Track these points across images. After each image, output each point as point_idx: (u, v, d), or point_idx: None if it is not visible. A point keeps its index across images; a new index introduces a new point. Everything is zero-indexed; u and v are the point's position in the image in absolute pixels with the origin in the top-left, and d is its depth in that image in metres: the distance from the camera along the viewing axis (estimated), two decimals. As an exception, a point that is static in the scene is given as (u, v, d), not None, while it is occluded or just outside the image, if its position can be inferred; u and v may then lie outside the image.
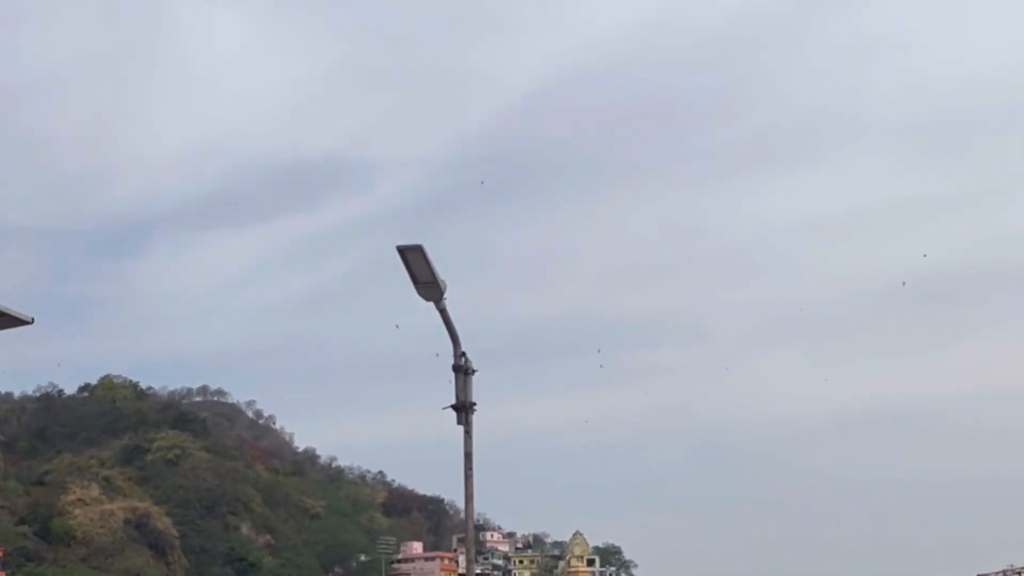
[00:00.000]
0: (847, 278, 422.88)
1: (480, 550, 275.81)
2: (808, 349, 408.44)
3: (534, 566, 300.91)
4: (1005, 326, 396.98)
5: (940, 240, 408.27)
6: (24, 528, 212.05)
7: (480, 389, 23.99)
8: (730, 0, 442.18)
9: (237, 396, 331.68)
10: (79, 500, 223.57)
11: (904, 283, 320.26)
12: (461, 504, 24.79)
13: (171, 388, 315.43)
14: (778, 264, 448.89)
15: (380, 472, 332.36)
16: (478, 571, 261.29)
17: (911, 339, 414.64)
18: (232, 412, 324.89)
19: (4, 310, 21.11)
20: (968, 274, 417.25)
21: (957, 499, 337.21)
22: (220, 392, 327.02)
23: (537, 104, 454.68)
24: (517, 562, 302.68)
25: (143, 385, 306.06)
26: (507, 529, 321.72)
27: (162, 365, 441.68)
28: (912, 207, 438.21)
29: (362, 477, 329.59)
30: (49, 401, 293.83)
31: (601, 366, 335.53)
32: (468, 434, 23.71)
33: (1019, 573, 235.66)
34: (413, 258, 22.70)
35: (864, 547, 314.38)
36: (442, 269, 23.20)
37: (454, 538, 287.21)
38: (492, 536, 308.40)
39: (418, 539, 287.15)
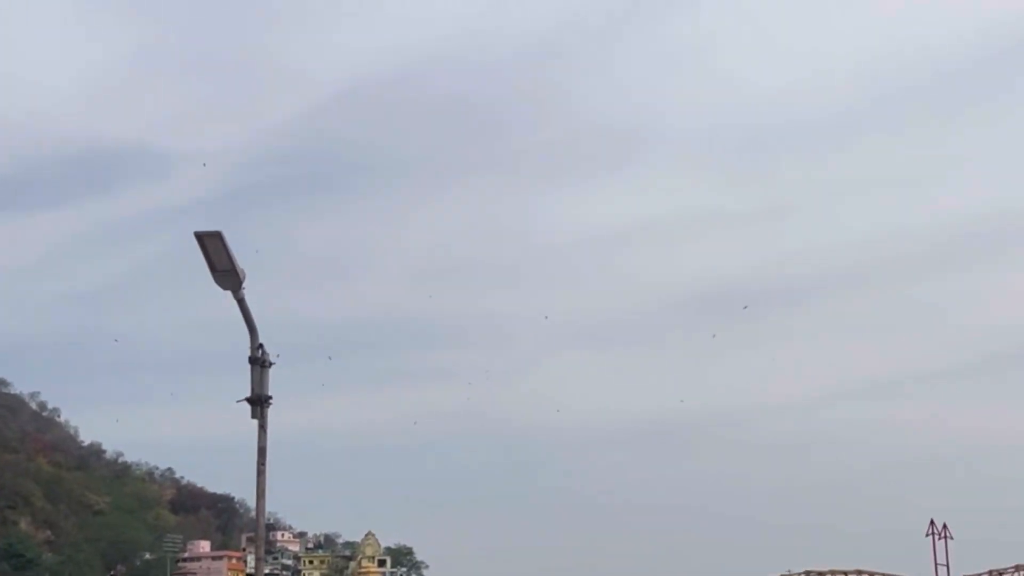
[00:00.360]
0: (643, 287, 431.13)
1: (270, 549, 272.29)
2: (601, 357, 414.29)
3: (324, 566, 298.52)
4: (793, 339, 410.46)
5: (734, 253, 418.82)
6: None
7: (277, 385, 23.41)
8: (545, 12, 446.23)
9: (20, 387, 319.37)
10: None
11: (746, 307, 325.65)
12: (252, 503, 24.05)
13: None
14: (576, 271, 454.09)
15: (169, 469, 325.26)
16: (267, 571, 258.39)
17: (700, 350, 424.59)
18: (14, 403, 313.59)
19: None
20: (759, 287, 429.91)
21: (740, 507, 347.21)
22: (2, 383, 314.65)
23: (347, 101, 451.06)
24: (307, 562, 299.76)
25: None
26: (298, 529, 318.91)
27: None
28: (706, 219, 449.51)
29: (150, 474, 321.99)
30: None
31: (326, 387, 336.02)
32: (263, 428, 23.01)
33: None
34: (211, 245, 21.80)
35: (652, 550, 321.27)
36: (243, 263, 22.44)
37: (243, 537, 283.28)
38: (283, 535, 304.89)
39: (206, 538, 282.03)
